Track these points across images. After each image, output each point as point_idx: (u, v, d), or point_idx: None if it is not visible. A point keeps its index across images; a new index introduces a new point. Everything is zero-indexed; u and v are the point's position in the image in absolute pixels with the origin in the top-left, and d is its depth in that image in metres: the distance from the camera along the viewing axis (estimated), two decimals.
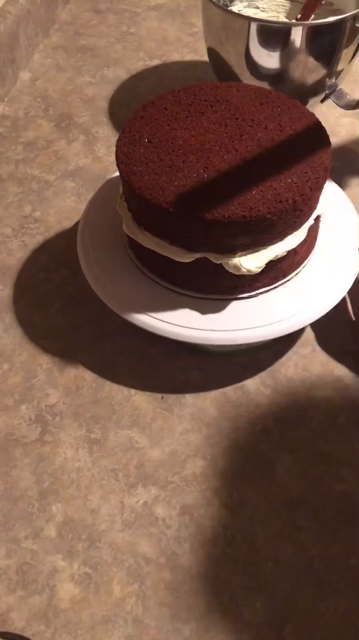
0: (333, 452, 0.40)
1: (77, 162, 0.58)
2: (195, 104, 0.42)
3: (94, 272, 0.43)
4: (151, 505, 0.38)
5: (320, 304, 0.40)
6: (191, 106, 0.41)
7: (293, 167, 0.37)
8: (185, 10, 0.76)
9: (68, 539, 0.37)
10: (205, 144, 0.39)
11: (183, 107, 0.41)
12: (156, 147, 0.39)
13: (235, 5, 0.60)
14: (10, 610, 0.34)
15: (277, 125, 0.40)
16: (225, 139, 0.39)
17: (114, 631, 0.34)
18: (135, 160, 0.38)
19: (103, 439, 0.41)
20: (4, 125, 0.62)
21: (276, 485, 0.38)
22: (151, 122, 0.41)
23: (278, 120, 0.40)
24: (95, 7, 0.78)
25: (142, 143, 0.39)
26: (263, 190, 0.36)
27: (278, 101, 0.42)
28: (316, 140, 0.39)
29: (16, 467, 0.40)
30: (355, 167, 0.57)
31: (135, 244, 0.42)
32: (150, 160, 0.38)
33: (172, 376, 0.43)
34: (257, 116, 0.40)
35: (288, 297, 0.41)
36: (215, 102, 0.42)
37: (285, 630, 0.33)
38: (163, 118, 0.41)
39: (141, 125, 0.40)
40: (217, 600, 0.34)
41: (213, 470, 0.39)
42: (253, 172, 0.37)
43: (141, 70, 0.68)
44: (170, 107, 0.42)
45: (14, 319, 0.47)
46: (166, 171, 0.37)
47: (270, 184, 0.37)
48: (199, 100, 0.42)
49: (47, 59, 0.70)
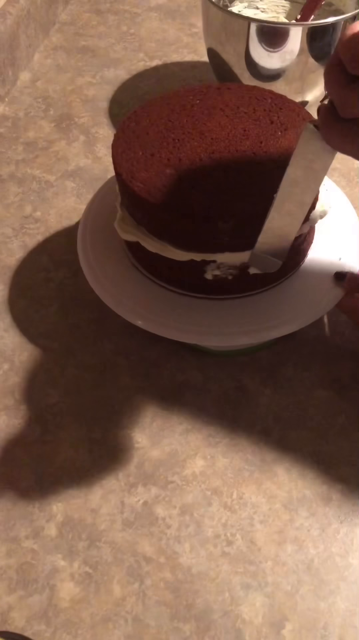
0: (333, 452, 0.40)
1: (77, 162, 0.58)
2: (191, 105, 0.42)
3: (94, 272, 0.43)
4: (151, 504, 0.38)
5: (320, 304, 0.40)
6: (188, 107, 0.41)
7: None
8: (185, 10, 0.76)
9: (69, 538, 0.37)
10: (200, 143, 0.39)
11: (179, 108, 0.41)
12: (152, 146, 0.39)
13: (235, 6, 0.60)
14: (11, 609, 0.34)
15: (275, 126, 0.40)
16: (221, 138, 0.39)
17: (114, 630, 0.34)
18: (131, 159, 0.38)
19: (103, 439, 0.41)
20: (4, 125, 0.62)
21: (276, 485, 0.38)
22: (148, 121, 0.41)
23: (277, 120, 0.40)
24: (95, 8, 0.78)
25: (138, 144, 0.39)
26: (259, 191, 0.36)
27: (276, 102, 0.42)
28: None
29: (16, 467, 0.40)
30: (355, 167, 0.57)
31: (132, 245, 0.42)
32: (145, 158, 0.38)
33: (172, 376, 0.43)
34: (255, 117, 0.40)
35: (288, 297, 0.41)
36: (212, 103, 0.42)
37: (285, 630, 0.34)
38: (160, 118, 0.41)
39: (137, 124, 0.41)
40: (217, 600, 0.34)
41: (213, 470, 0.39)
42: (251, 172, 0.37)
43: (141, 70, 0.68)
44: (166, 107, 0.42)
45: (14, 319, 0.47)
46: (161, 170, 0.37)
47: (266, 185, 0.37)
48: (196, 102, 0.42)
49: (47, 59, 0.70)
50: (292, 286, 0.42)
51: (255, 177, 0.37)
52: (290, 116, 0.41)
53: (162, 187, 0.37)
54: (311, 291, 0.41)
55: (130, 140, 0.40)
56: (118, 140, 0.40)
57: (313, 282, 0.42)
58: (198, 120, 0.40)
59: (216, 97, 0.42)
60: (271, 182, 0.37)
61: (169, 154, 0.38)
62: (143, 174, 0.37)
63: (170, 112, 0.41)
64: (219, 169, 0.37)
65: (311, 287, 0.42)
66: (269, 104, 0.41)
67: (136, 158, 0.38)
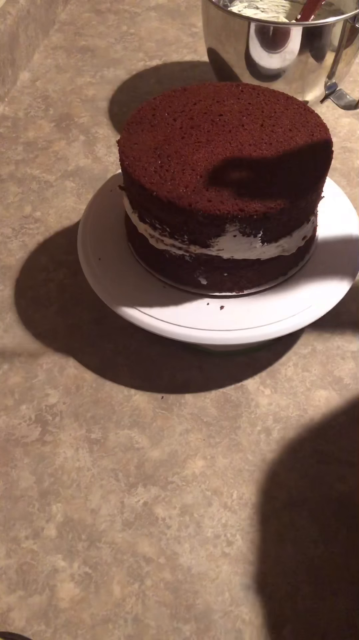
0: (333, 452, 0.40)
1: (77, 162, 0.58)
2: (199, 103, 0.42)
3: (94, 272, 0.43)
4: (151, 505, 0.38)
5: (320, 304, 0.40)
6: (195, 105, 0.41)
7: (293, 167, 0.38)
8: (185, 10, 0.76)
9: (69, 539, 0.37)
10: (207, 142, 0.39)
11: (186, 106, 0.41)
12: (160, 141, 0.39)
13: (235, 6, 0.60)
14: (11, 610, 0.34)
15: (281, 124, 0.40)
16: (227, 137, 0.39)
17: (114, 631, 0.34)
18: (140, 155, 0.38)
19: (103, 439, 0.41)
20: (4, 125, 0.62)
21: (276, 485, 0.38)
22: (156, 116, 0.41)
23: (282, 119, 0.40)
24: (95, 8, 0.78)
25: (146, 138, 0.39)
26: (262, 189, 0.36)
27: (282, 100, 0.42)
28: (318, 142, 0.39)
29: (16, 467, 0.40)
30: (355, 167, 0.57)
31: (133, 240, 0.42)
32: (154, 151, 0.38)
33: (172, 376, 0.43)
34: (260, 115, 0.40)
35: (288, 297, 0.41)
36: (218, 102, 0.42)
37: (285, 630, 0.34)
38: (167, 114, 0.41)
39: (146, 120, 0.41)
40: (217, 601, 0.34)
41: (213, 471, 0.39)
42: (253, 170, 0.37)
43: (141, 70, 0.68)
44: (174, 104, 0.42)
45: (14, 319, 0.47)
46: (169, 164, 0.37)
47: (269, 183, 0.37)
48: (202, 100, 0.42)
49: (47, 59, 0.70)
50: (292, 286, 0.42)
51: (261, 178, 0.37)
52: (297, 115, 0.41)
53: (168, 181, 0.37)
54: (311, 291, 0.41)
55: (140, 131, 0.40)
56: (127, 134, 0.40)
57: (313, 282, 0.42)
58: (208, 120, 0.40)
59: (226, 95, 0.42)
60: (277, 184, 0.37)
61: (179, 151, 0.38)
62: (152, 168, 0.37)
63: (180, 108, 0.41)
64: (226, 166, 0.37)
65: (312, 287, 0.42)
66: (279, 103, 0.41)
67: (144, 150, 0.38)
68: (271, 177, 0.37)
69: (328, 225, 0.44)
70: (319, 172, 0.38)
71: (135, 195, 0.39)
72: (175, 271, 0.41)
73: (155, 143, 0.39)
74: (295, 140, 0.39)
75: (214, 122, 0.40)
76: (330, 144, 0.39)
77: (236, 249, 0.38)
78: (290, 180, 0.37)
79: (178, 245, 0.38)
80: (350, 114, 0.62)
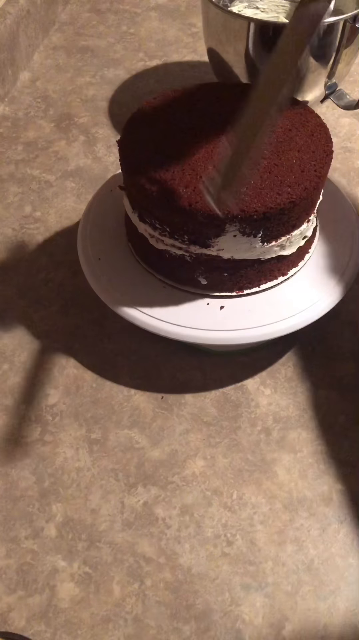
0: (333, 452, 0.40)
1: (77, 162, 0.58)
2: (199, 103, 0.42)
3: (94, 272, 0.43)
4: (151, 505, 0.38)
5: (320, 304, 0.40)
6: (194, 105, 0.41)
7: (293, 167, 0.37)
8: (185, 10, 0.76)
9: (68, 539, 0.37)
10: (207, 142, 0.39)
11: (186, 105, 0.41)
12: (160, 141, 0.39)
13: (235, 6, 0.60)
14: (11, 610, 0.34)
15: (280, 124, 0.40)
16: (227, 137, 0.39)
17: (114, 631, 0.34)
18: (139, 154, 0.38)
19: (103, 439, 0.41)
20: (4, 125, 0.62)
21: (276, 485, 0.38)
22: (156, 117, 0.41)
23: (282, 119, 0.40)
24: (95, 8, 0.78)
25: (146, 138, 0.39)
26: (262, 189, 0.36)
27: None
28: (318, 142, 0.39)
29: (16, 467, 0.40)
30: (355, 167, 0.57)
31: (133, 240, 0.42)
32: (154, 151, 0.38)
33: (172, 376, 0.43)
34: None
35: (288, 297, 0.41)
36: (218, 102, 0.42)
37: (285, 630, 0.34)
38: (167, 114, 0.41)
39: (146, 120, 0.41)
40: (217, 601, 0.34)
41: (213, 470, 0.39)
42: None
43: (141, 70, 0.68)
44: (174, 104, 0.42)
45: (14, 319, 0.47)
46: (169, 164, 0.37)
47: (269, 183, 0.37)
48: (202, 100, 0.42)
49: (47, 59, 0.70)
50: (292, 286, 0.42)
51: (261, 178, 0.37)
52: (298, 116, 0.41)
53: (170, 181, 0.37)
54: (311, 291, 0.41)
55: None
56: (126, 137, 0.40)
57: (313, 282, 0.42)
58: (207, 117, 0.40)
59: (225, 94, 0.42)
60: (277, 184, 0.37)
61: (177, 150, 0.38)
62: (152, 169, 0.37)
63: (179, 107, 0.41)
64: None
65: (312, 287, 0.42)
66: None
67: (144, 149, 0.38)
68: (271, 177, 0.37)
69: (328, 225, 0.44)
70: (319, 172, 0.38)
71: (135, 195, 0.39)
72: (175, 271, 0.41)
73: (155, 143, 0.39)
74: (295, 140, 0.39)
75: (214, 122, 0.40)
76: (330, 144, 0.39)
77: (236, 249, 0.38)
78: (290, 180, 0.37)
79: (178, 245, 0.38)
80: (350, 114, 0.62)
